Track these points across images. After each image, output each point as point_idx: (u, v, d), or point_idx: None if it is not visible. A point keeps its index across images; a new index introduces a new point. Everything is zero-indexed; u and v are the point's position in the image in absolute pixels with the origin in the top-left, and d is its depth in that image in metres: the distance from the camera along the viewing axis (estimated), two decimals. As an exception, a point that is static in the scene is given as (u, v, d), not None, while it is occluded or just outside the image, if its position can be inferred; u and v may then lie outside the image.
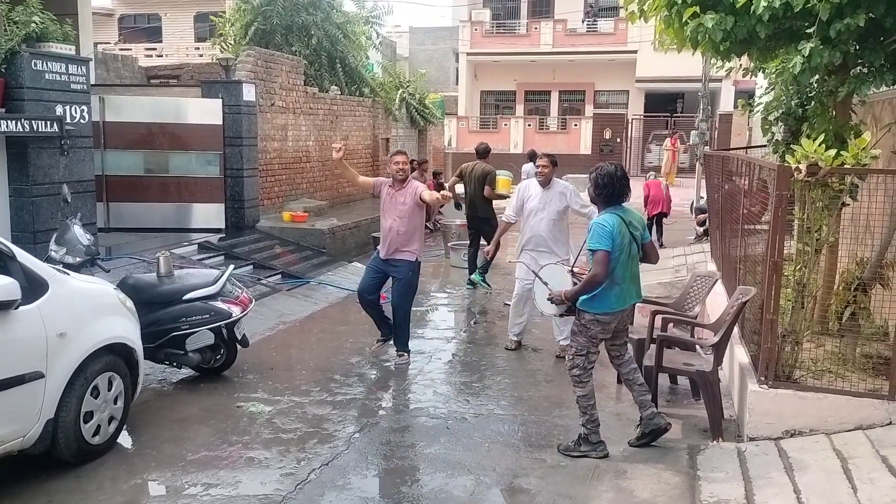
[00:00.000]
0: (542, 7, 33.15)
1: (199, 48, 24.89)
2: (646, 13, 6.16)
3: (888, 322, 4.95)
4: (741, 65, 7.07)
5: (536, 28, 31.76)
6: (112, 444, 4.75)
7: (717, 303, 6.56)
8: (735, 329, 5.54)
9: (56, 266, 5.02)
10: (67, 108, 8.21)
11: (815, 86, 6.22)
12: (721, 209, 8.26)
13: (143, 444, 4.88)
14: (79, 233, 6.50)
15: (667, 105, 31.60)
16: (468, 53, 32.32)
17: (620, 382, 5.47)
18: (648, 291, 7.46)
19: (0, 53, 7.48)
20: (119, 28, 30.18)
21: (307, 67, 14.53)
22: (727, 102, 26.93)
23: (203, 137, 11.18)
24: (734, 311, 5.12)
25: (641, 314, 5.94)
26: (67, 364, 4.32)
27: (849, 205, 4.90)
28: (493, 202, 9.72)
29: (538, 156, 7.11)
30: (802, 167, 4.51)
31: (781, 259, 4.67)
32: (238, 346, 6.27)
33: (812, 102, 6.31)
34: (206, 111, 11.19)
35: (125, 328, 4.93)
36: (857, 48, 5.47)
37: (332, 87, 15.51)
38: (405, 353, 6.72)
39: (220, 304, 6.00)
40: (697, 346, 5.72)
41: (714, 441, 4.89)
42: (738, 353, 5.45)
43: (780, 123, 6.86)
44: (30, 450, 4.24)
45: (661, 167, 23.71)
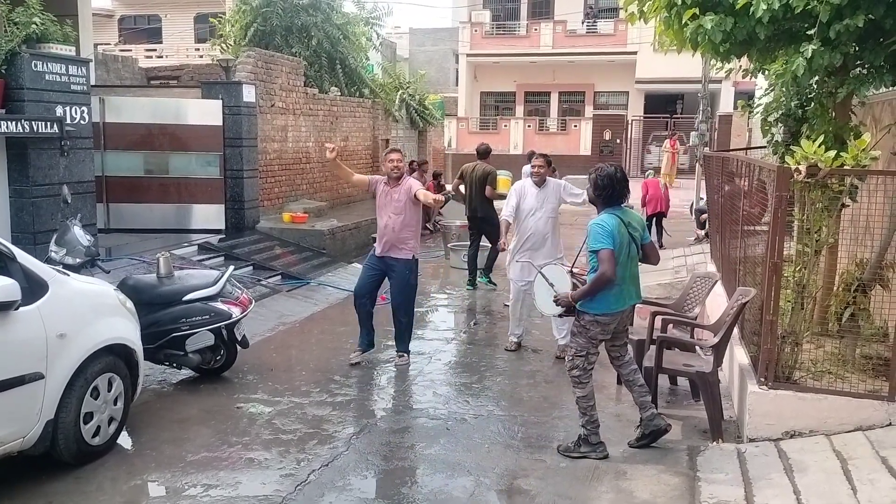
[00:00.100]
0: (542, 8, 33.16)
1: (200, 49, 24.86)
2: (645, 14, 6.17)
3: (888, 323, 4.95)
4: (741, 66, 7.08)
5: (536, 29, 31.78)
6: (112, 445, 4.75)
7: (717, 304, 6.56)
8: (735, 330, 5.54)
9: (56, 267, 5.02)
10: (67, 109, 8.21)
11: (815, 87, 6.23)
12: (721, 210, 8.26)
13: (143, 445, 4.88)
14: (79, 234, 6.51)
15: (666, 106, 31.62)
16: (468, 54, 32.34)
17: (620, 383, 5.47)
18: (648, 292, 7.46)
19: (0, 54, 7.48)
20: (119, 29, 30.15)
21: (307, 68, 14.53)
22: (727, 103, 26.94)
23: (203, 138, 11.18)
24: (734, 312, 5.12)
25: (640, 317, 5.93)
26: (67, 365, 4.32)
27: (848, 206, 4.90)
28: (494, 202, 9.76)
29: (534, 156, 7.20)
30: (802, 168, 4.51)
31: (781, 260, 4.67)
32: (238, 347, 6.27)
33: (812, 104, 6.32)
34: (206, 112, 11.19)
35: (125, 329, 4.93)
36: (857, 49, 5.48)
37: (332, 89, 15.52)
38: (405, 354, 6.73)
39: (220, 305, 6.00)
40: (697, 347, 5.72)
41: (714, 442, 4.89)
42: (738, 354, 5.45)
43: (780, 124, 6.86)
44: (30, 451, 4.24)
45: (661, 168, 23.71)
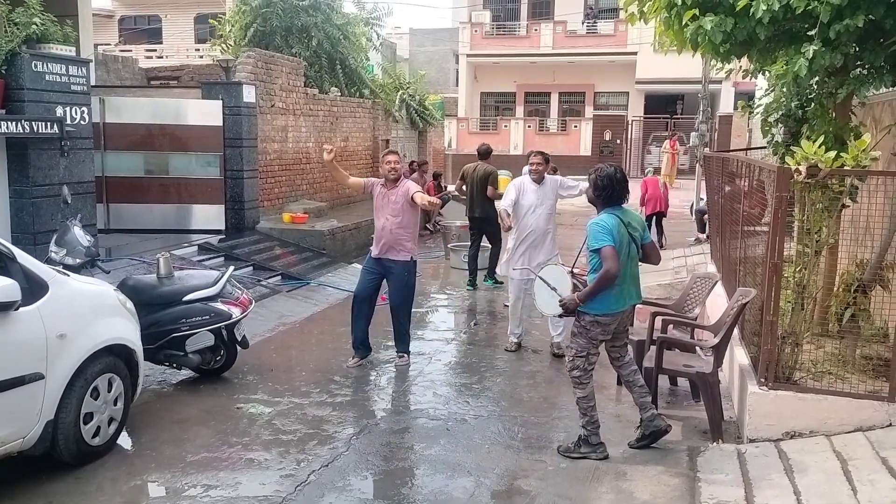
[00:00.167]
0: (542, 9, 33.18)
1: (200, 49, 24.84)
2: (645, 15, 6.18)
3: (888, 324, 4.95)
4: (741, 66, 7.08)
5: (536, 29, 31.79)
6: (112, 446, 4.75)
7: (717, 304, 6.56)
8: (735, 330, 5.54)
9: (56, 267, 5.02)
10: (68, 110, 8.21)
11: (815, 87, 6.22)
12: (721, 211, 8.26)
13: (143, 446, 4.88)
14: (79, 234, 6.51)
15: (667, 106, 31.64)
16: (468, 55, 32.35)
17: (620, 384, 5.47)
18: (648, 293, 7.46)
19: (0, 55, 7.48)
20: (119, 29, 30.14)
21: (307, 69, 14.53)
22: (727, 104, 26.95)
23: (203, 139, 11.18)
24: (734, 313, 5.11)
25: (639, 320, 5.92)
26: (67, 365, 4.32)
27: (848, 206, 4.90)
28: (495, 202, 9.78)
29: (532, 153, 7.25)
30: (802, 169, 4.51)
31: (781, 260, 4.67)
32: (238, 348, 6.27)
33: (812, 104, 6.32)
34: (207, 112, 11.19)
35: (125, 329, 4.93)
36: (857, 50, 5.48)
37: (333, 89, 15.52)
38: (405, 355, 6.73)
39: (220, 306, 6.00)
40: (697, 348, 5.72)
41: (714, 443, 4.89)
42: (738, 355, 5.45)
43: (780, 125, 6.85)
44: (30, 451, 4.24)
45: (662, 169, 23.71)
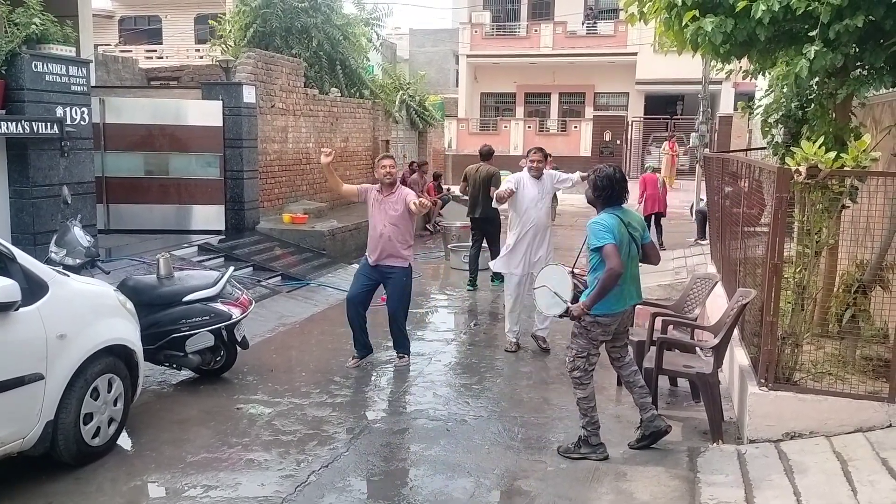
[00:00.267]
0: (542, 9, 33.19)
1: (200, 50, 24.83)
2: (645, 15, 6.18)
3: (888, 324, 4.95)
4: (741, 67, 7.08)
5: (536, 30, 31.79)
6: (112, 446, 4.75)
7: (717, 305, 6.56)
8: (735, 331, 5.54)
9: (56, 267, 5.02)
10: (68, 110, 8.21)
11: (815, 88, 6.22)
12: (721, 211, 8.26)
13: (143, 446, 4.88)
14: (79, 234, 6.51)
15: (667, 107, 31.64)
16: (468, 55, 32.35)
17: (620, 384, 5.47)
18: (648, 293, 7.46)
19: (0, 55, 7.48)
20: (119, 30, 30.14)
21: (307, 69, 14.52)
22: (727, 104, 26.96)
23: (203, 139, 11.18)
24: (734, 314, 5.11)
25: (638, 324, 5.92)
26: (67, 366, 4.32)
27: (848, 207, 4.90)
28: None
29: (532, 150, 7.28)
30: (802, 169, 4.51)
31: (781, 261, 4.67)
32: (238, 348, 6.27)
33: (812, 105, 6.32)
34: (207, 113, 11.19)
35: (125, 330, 4.92)
36: (857, 50, 5.47)
37: (333, 89, 15.52)
38: (405, 355, 6.73)
39: (220, 306, 6.00)
40: (697, 349, 5.71)
41: (714, 443, 4.89)
42: (738, 356, 5.45)
43: (780, 126, 6.86)
44: (29, 451, 4.24)
45: (661, 170, 23.71)
